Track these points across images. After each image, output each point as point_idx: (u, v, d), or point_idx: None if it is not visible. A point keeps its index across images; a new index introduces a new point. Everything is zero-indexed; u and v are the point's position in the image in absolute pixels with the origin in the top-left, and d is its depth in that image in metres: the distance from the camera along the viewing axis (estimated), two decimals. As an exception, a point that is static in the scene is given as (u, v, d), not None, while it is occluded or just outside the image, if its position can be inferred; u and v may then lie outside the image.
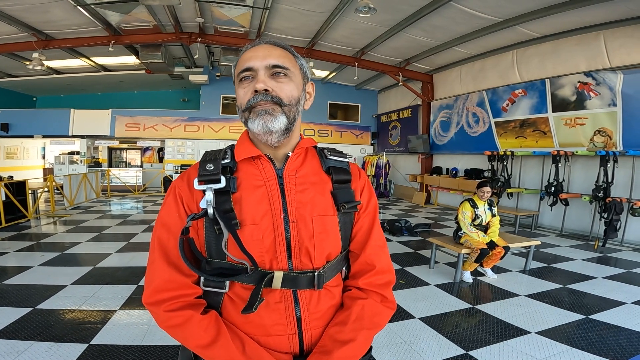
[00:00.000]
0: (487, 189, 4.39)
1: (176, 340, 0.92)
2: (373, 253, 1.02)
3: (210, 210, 0.89)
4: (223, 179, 0.91)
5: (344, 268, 1.05)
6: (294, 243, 0.93)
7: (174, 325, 0.87)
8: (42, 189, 8.66)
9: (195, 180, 0.92)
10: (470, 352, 2.74)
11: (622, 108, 6.42)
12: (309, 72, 1.05)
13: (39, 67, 9.07)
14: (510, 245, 4.41)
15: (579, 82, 7.06)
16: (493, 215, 4.48)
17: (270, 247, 0.91)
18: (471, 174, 10.04)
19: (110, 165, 15.49)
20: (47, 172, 14.24)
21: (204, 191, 0.91)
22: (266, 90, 0.92)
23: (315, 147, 1.08)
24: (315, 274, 0.93)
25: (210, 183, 0.91)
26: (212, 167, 0.93)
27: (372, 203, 1.08)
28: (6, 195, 6.93)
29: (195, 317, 0.88)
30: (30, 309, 3.27)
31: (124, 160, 16.99)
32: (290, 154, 1.00)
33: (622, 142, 6.52)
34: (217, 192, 0.90)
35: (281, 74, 0.94)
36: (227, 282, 0.92)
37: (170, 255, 0.91)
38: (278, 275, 0.90)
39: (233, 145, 1.03)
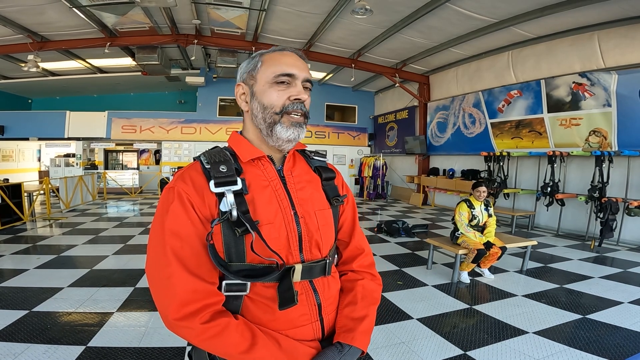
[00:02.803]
0: (483, 188, 4.41)
1: (211, 352, 0.88)
2: (360, 239, 1.17)
3: (234, 213, 0.87)
4: (239, 180, 0.91)
5: (335, 255, 1.15)
6: (304, 237, 0.99)
7: (212, 336, 0.83)
8: (37, 192, 8.60)
9: (212, 183, 0.90)
10: (468, 353, 2.75)
11: (616, 108, 6.46)
12: None
13: (34, 69, 9.04)
14: (507, 246, 4.43)
15: (573, 82, 7.10)
16: (489, 216, 4.50)
17: (285, 243, 0.95)
18: (468, 174, 10.07)
19: (106, 168, 15.38)
20: (43, 175, 14.18)
21: (218, 194, 0.90)
22: (303, 101, 0.99)
23: (297, 149, 1.13)
24: (326, 261, 1.02)
25: (228, 185, 0.89)
26: (226, 169, 0.92)
27: (351, 196, 1.20)
28: (2, 198, 6.88)
29: (232, 324, 0.86)
30: (26, 312, 3.25)
31: (121, 162, 16.90)
32: (286, 155, 1.06)
33: (617, 142, 6.56)
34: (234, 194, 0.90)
35: (308, 89, 1.02)
36: (249, 284, 0.92)
37: (189, 265, 0.86)
38: (298, 268, 0.95)
39: (227, 146, 1.04)
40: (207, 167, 0.93)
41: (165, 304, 0.84)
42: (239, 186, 0.90)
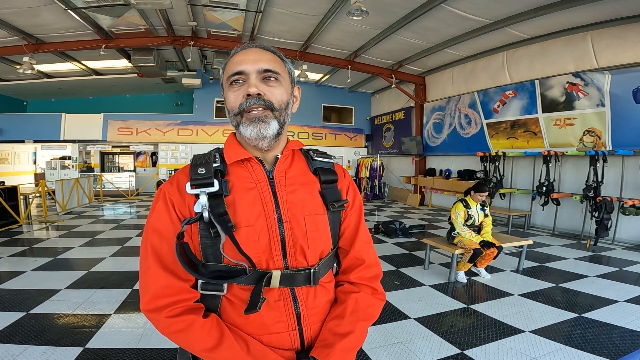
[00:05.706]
0: (486, 194, 4.42)
1: (179, 345, 0.91)
2: (362, 248, 1.06)
3: (205, 214, 0.88)
4: (216, 182, 0.91)
5: (334, 264, 1.08)
6: (288, 242, 0.94)
7: (177, 331, 0.87)
8: (33, 195, 8.56)
9: (188, 185, 0.92)
10: (465, 352, 2.76)
11: (610, 108, 6.51)
12: (295, 75, 1.07)
13: (29, 71, 9.00)
14: (503, 245, 4.45)
15: (567, 82, 7.16)
16: (485, 216, 4.52)
17: (266, 247, 0.92)
18: (464, 175, 10.11)
19: (102, 170, 15.35)
20: (39, 178, 14.09)
21: (196, 195, 0.91)
22: (259, 94, 0.92)
23: (301, 149, 1.10)
24: (311, 270, 0.95)
25: (203, 187, 0.90)
26: (204, 171, 0.92)
27: (358, 201, 1.11)
28: (-3, 200, 6.85)
29: (198, 322, 0.87)
30: (24, 314, 3.24)
31: (117, 164, 16.85)
32: (279, 156, 1.01)
33: (611, 142, 6.61)
34: (210, 196, 0.90)
35: (272, 79, 0.95)
36: (225, 285, 0.92)
37: (165, 261, 0.90)
38: (276, 274, 0.91)
39: (221, 148, 1.03)
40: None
41: (141, 294, 0.90)
42: (215, 188, 0.91)
